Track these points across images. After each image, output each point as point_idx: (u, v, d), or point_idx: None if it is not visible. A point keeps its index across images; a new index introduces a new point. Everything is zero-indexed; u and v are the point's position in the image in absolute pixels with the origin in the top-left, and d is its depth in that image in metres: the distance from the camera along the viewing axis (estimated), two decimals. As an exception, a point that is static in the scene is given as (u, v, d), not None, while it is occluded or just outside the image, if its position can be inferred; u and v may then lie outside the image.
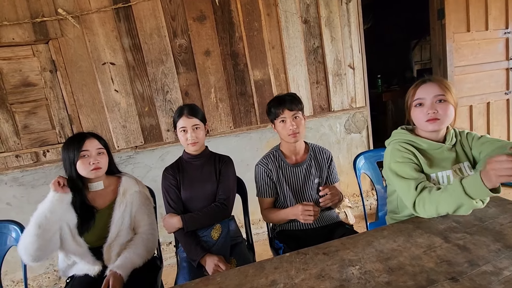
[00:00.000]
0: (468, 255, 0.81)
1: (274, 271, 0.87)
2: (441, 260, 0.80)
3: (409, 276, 0.76)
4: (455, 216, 1.00)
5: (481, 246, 0.84)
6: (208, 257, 1.20)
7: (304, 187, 1.40)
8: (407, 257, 0.84)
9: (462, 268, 0.76)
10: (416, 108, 1.11)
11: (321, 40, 2.42)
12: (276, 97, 1.38)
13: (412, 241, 0.91)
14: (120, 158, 2.17)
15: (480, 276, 0.72)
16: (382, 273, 0.79)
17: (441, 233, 0.93)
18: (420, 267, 0.79)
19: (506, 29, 2.81)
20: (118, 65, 2.08)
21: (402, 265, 0.81)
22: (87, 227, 1.20)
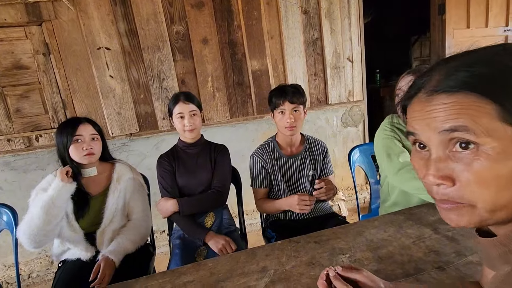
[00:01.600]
0: (456, 246, 0.82)
1: (265, 257, 0.87)
2: (430, 250, 0.82)
3: (397, 264, 0.77)
4: (446, 209, 1.02)
5: (469, 237, 0.85)
6: (212, 236, 1.21)
7: (298, 178, 1.41)
8: (397, 247, 0.85)
9: (449, 258, 0.78)
10: (397, 98, 1.16)
11: (321, 32, 2.40)
12: (279, 87, 1.35)
13: (403, 231, 0.93)
14: (115, 145, 2.15)
15: (466, 266, 0.74)
16: (371, 261, 0.80)
17: (431, 225, 0.95)
18: (409, 257, 0.80)
19: (506, 26, 2.81)
20: (114, 50, 2.04)
21: (391, 254, 0.82)
22: (82, 213, 1.20)
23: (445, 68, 0.38)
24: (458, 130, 0.35)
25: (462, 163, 0.35)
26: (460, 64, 0.36)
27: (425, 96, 0.39)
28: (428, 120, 0.38)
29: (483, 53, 0.36)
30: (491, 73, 0.34)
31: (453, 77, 0.36)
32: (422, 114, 0.39)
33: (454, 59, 0.38)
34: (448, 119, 0.36)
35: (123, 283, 0.84)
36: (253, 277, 0.79)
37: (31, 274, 2.13)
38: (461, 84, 0.35)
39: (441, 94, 0.37)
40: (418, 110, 0.40)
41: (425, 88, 0.39)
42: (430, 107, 0.38)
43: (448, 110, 0.36)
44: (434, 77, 0.38)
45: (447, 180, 0.37)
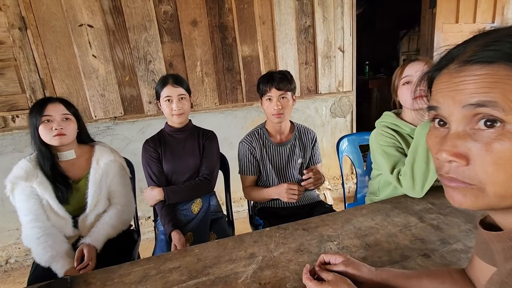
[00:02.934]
0: (441, 234, 0.84)
1: (254, 244, 0.87)
2: (415, 238, 0.83)
3: (384, 252, 0.78)
4: (431, 198, 1.04)
5: (453, 226, 0.87)
6: (176, 233, 1.18)
7: (287, 166, 1.40)
8: (384, 235, 0.86)
9: (434, 246, 0.79)
10: (404, 87, 1.11)
11: (313, 19, 2.36)
12: (267, 73, 1.32)
13: (389, 220, 0.94)
14: (98, 129, 2.06)
15: (450, 253, 0.76)
16: (359, 248, 0.81)
17: (416, 213, 0.96)
18: (395, 244, 0.81)
19: (492, 22, 2.86)
20: (97, 28, 1.93)
21: (378, 241, 0.83)
22: (65, 198, 1.15)
23: (484, 38, 0.35)
24: (486, 105, 0.32)
25: (482, 142, 0.33)
26: (502, 35, 0.33)
27: (456, 67, 0.35)
28: (454, 92, 0.35)
29: None
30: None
31: (492, 47, 0.33)
32: (449, 86, 0.36)
33: (496, 31, 0.35)
34: (477, 92, 0.33)
35: (105, 269, 0.81)
36: (241, 263, 0.78)
37: (8, 260, 2.06)
38: (501, 55, 0.32)
39: (474, 65, 0.33)
40: (445, 81, 0.36)
41: (458, 58, 0.35)
42: (459, 78, 0.35)
43: (479, 82, 0.33)
44: (470, 47, 0.35)
45: (462, 158, 0.34)
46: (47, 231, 1.09)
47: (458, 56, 0.36)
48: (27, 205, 1.10)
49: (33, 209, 1.10)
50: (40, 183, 1.11)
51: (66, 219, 1.15)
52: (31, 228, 1.08)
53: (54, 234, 1.10)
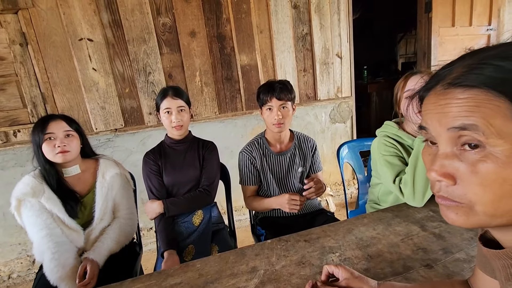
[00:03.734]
0: (443, 243, 0.84)
1: (255, 257, 0.86)
2: (418, 248, 0.83)
3: (387, 263, 0.78)
4: (432, 206, 1.03)
5: (455, 234, 0.87)
6: (170, 254, 1.16)
7: (288, 176, 1.40)
8: (386, 245, 0.86)
9: (436, 256, 0.79)
10: (406, 100, 1.11)
11: (310, 27, 2.38)
12: (267, 83, 1.33)
13: (391, 229, 0.93)
14: (99, 141, 2.08)
15: (453, 263, 0.75)
16: (361, 260, 0.80)
17: (418, 222, 0.96)
18: (398, 254, 0.81)
19: (489, 25, 2.88)
20: (97, 42, 1.96)
21: (380, 252, 0.83)
22: (75, 212, 1.17)
23: (471, 59, 0.35)
24: (468, 129, 0.33)
25: (468, 162, 0.34)
26: (488, 56, 0.34)
27: (441, 89, 0.37)
28: (439, 115, 0.36)
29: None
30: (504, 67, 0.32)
31: (475, 71, 0.34)
32: (435, 108, 0.37)
33: (483, 51, 0.35)
34: (460, 115, 0.34)
35: (107, 286, 0.81)
36: (242, 278, 0.78)
37: (11, 274, 2.05)
38: (482, 79, 0.33)
39: (458, 88, 0.34)
40: (432, 103, 0.38)
41: (444, 80, 0.37)
42: (444, 101, 0.36)
43: (461, 106, 0.34)
44: (456, 69, 0.36)
45: (449, 178, 0.36)
46: (62, 247, 1.10)
47: (444, 78, 0.37)
48: (39, 220, 1.10)
49: (47, 224, 1.10)
50: (48, 198, 1.12)
51: (78, 231, 1.16)
52: (46, 243, 1.08)
53: (68, 251, 1.11)
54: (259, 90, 1.33)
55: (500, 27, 2.96)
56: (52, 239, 1.09)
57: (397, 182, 1.05)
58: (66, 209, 1.14)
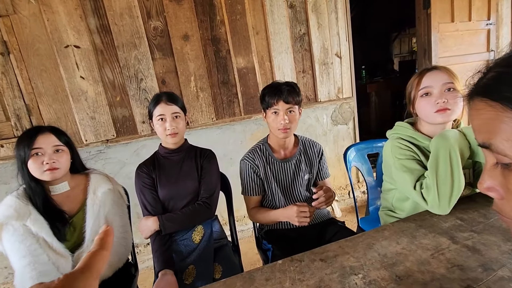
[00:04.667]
0: (480, 258, 0.73)
1: (266, 283, 0.75)
2: (452, 265, 0.72)
3: (419, 285, 0.67)
4: (459, 213, 0.93)
5: (492, 246, 0.76)
6: (165, 274, 1.04)
7: (294, 184, 1.29)
8: (414, 262, 0.75)
9: (476, 274, 0.68)
10: (423, 98, 1.01)
11: (308, 27, 2.30)
12: (273, 84, 1.22)
13: (417, 242, 0.83)
14: (89, 153, 1.96)
15: (497, 283, 0.64)
16: (389, 282, 0.69)
17: (446, 232, 0.85)
18: (431, 274, 0.70)
19: (488, 20, 2.83)
20: (84, 49, 1.85)
21: (410, 271, 0.72)
22: (63, 234, 1.05)
23: (500, 68, 0.32)
24: (488, 147, 0.32)
25: (503, 175, 0.32)
26: (490, 66, 0.33)
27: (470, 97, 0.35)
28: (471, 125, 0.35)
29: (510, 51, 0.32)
30: (505, 74, 0.31)
31: (497, 82, 0.31)
32: (469, 115, 0.36)
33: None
34: (477, 131, 0.33)
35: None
36: (253, 310, 0.66)
37: (-3, 301, 1.90)
38: (487, 90, 0.32)
39: (481, 100, 0.32)
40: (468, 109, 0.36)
41: (474, 87, 0.34)
42: (471, 111, 0.34)
43: (475, 119, 0.33)
44: (486, 77, 0.33)
45: (493, 191, 0.34)
46: (46, 277, 0.97)
47: (476, 84, 0.36)
48: (23, 246, 0.98)
49: (31, 250, 0.98)
50: (35, 221, 1.00)
51: (66, 256, 1.04)
52: (29, 272, 0.95)
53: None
54: (264, 91, 1.23)
55: (499, 21, 2.92)
56: (36, 268, 0.97)
57: (418, 188, 0.95)
58: (53, 232, 1.03)
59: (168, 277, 1.03)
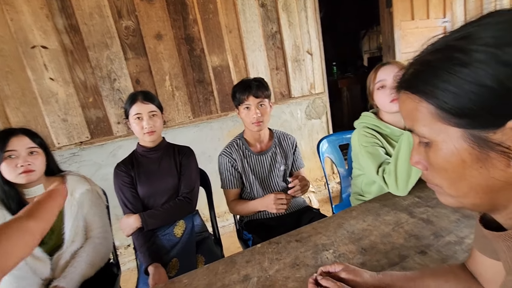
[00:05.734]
0: (432, 228, 0.83)
1: (246, 264, 0.81)
2: (409, 235, 0.82)
3: (381, 254, 0.76)
4: (417, 192, 1.04)
5: (443, 217, 0.87)
6: (155, 267, 1.07)
7: (270, 175, 1.36)
8: (378, 236, 0.84)
9: (428, 241, 0.78)
10: (379, 91, 1.12)
11: (279, 25, 2.37)
12: (242, 81, 1.29)
13: (381, 219, 0.92)
14: (62, 157, 1.90)
15: (445, 247, 0.75)
16: (356, 254, 0.78)
17: (405, 209, 0.96)
18: (391, 244, 0.79)
19: (444, 18, 3.06)
20: (52, 49, 1.79)
21: (374, 244, 0.81)
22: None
23: (416, 66, 0.38)
24: (412, 131, 0.39)
25: (425, 152, 0.39)
26: (411, 62, 0.39)
27: (396, 90, 0.42)
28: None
29: (425, 50, 0.38)
30: (419, 71, 0.37)
31: (406, 74, 0.39)
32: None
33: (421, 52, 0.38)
34: (405, 118, 0.40)
35: (82, 318, 0.71)
36: (235, 288, 0.72)
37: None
38: (409, 83, 0.38)
39: (400, 91, 0.40)
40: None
41: (399, 81, 0.41)
42: (399, 102, 0.41)
43: (403, 109, 0.40)
44: (407, 72, 0.40)
45: (419, 164, 0.41)
46: (23, 281, 0.97)
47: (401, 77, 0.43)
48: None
49: None
50: None
51: (44, 260, 1.03)
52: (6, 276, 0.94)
53: (31, 285, 0.98)
54: (235, 89, 1.28)
55: (454, 18, 3.16)
56: (12, 272, 0.95)
57: (381, 172, 1.05)
58: None
59: (160, 269, 1.06)
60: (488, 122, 0.31)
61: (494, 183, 0.34)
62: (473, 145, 0.33)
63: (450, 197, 0.39)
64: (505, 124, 0.30)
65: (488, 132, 0.32)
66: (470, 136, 0.33)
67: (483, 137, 0.32)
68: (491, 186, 0.34)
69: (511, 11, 0.33)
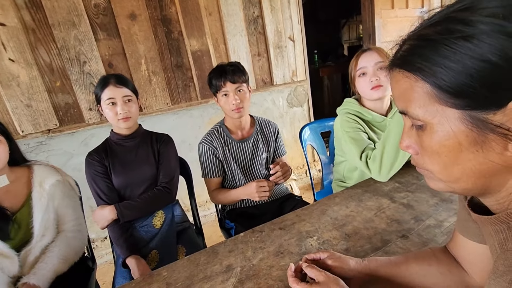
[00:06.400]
0: (413, 212, 0.85)
1: (229, 254, 0.78)
2: (391, 220, 0.83)
3: (365, 240, 0.76)
4: (397, 177, 1.06)
5: (422, 202, 0.89)
6: (135, 259, 1.03)
7: (252, 163, 1.33)
8: (361, 221, 0.84)
9: (409, 225, 0.79)
10: (360, 78, 1.12)
11: (261, 9, 2.30)
12: (217, 67, 1.23)
13: (363, 205, 0.93)
14: (28, 146, 1.76)
15: (425, 231, 0.76)
16: (340, 240, 0.77)
17: (387, 194, 0.97)
18: (374, 229, 0.80)
19: (422, 8, 3.12)
20: (11, 27, 1.62)
21: (357, 229, 0.81)
22: (6, 233, 0.95)
23: (412, 41, 0.36)
24: (405, 113, 0.37)
25: (417, 137, 0.37)
26: (405, 38, 0.37)
27: (389, 69, 0.39)
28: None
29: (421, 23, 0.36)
30: (416, 46, 0.34)
31: (400, 52, 0.36)
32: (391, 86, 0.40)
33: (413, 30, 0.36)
34: (398, 100, 0.38)
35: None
36: (217, 279, 0.69)
37: None
38: (401, 61, 0.36)
39: (394, 70, 0.37)
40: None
41: (392, 59, 0.38)
42: (391, 82, 0.39)
43: (396, 90, 0.38)
44: (402, 49, 0.37)
45: (410, 148, 0.39)
46: None
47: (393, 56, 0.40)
48: None
49: None
50: None
51: (11, 257, 0.95)
52: None
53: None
54: (210, 76, 1.23)
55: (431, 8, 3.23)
56: None
57: (364, 158, 1.05)
58: None
59: (142, 261, 1.02)
60: (489, 103, 0.30)
61: (489, 167, 0.33)
62: (471, 127, 0.31)
63: (441, 182, 0.38)
64: (507, 104, 0.29)
65: (488, 113, 0.30)
66: (468, 117, 0.31)
67: (483, 119, 0.30)
68: (485, 171, 0.33)
69: None
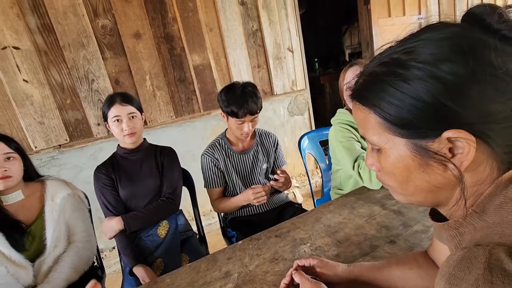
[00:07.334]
0: (402, 218, 0.89)
1: (227, 261, 0.83)
2: (381, 226, 0.87)
3: (355, 245, 0.81)
4: (389, 185, 1.10)
5: (411, 208, 0.93)
6: (138, 268, 1.09)
7: (253, 173, 1.39)
8: (352, 228, 0.89)
9: (398, 231, 0.84)
10: (347, 92, 1.16)
11: (260, 23, 2.39)
12: (239, 94, 1.19)
13: (355, 212, 0.97)
14: (41, 161, 1.86)
15: (412, 236, 0.80)
16: (331, 246, 0.82)
17: (378, 201, 1.01)
18: (364, 236, 0.84)
19: (419, 15, 3.17)
20: (25, 50, 1.73)
21: (348, 236, 0.85)
22: (22, 245, 1.02)
23: (365, 76, 0.41)
24: (364, 138, 0.43)
25: (377, 156, 0.42)
26: (362, 72, 0.42)
27: (350, 99, 0.45)
28: None
29: (374, 59, 0.41)
30: (368, 83, 0.40)
31: (357, 86, 0.42)
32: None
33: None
34: (358, 126, 0.44)
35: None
36: (216, 285, 0.75)
37: None
38: (357, 95, 0.42)
39: (354, 102, 0.43)
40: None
41: (352, 92, 0.44)
42: (353, 110, 0.45)
43: (355, 118, 0.44)
44: (358, 83, 0.43)
45: (373, 167, 0.44)
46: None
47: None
48: None
49: None
50: None
51: (27, 267, 1.01)
52: None
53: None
54: (230, 101, 1.18)
55: (428, 15, 3.28)
56: None
57: (356, 167, 1.10)
58: (11, 243, 1.00)
59: (148, 269, 1.09)
60: (427, 133, 0.35)
61: (435, 185, 0.38)
62: (415, 153, 0.37)
63: (401, 195, 0.43)
64: (441, 134, 0.34)
65: (428, 141, 0.36)
66: (412, 145, 0.37)
67: (424, 146, 0.36)
68: (433, 187, 0.39)
69: (447, 25, 0.36)
